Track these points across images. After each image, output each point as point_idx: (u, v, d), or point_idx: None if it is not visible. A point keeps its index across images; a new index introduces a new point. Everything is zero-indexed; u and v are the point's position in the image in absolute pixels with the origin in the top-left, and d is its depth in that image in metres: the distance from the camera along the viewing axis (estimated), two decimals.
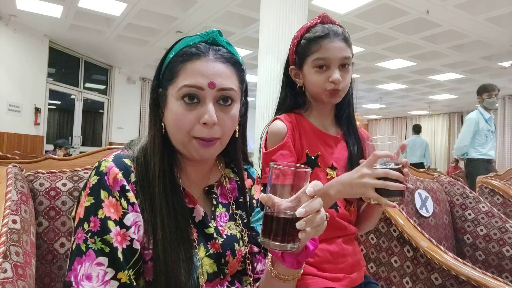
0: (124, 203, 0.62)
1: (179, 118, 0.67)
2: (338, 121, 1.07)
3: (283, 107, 1.06)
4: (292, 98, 1.04)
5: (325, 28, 0.96)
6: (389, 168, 0.78)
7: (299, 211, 0.56)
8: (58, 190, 0.85)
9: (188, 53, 0.69)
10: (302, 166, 0.60)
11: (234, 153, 0.80)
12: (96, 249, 0.59)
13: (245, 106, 0.78)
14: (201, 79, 0.67)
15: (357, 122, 1.08)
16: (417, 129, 7.22)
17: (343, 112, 1.05)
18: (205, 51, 0.69)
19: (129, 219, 0.62)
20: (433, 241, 1.19)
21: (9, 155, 3.55)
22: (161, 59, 0.73)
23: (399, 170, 0.78)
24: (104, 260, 0.59)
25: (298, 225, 0.57)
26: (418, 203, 1.57)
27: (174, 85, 0.68)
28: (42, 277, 0.78)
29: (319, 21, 0.99)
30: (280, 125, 0.97)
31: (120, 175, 0.64)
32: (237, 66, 0.72)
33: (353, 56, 0.99)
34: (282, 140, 0.95)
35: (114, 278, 0.59)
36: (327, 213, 0.61)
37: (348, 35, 0.99)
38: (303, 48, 0.98)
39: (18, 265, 0.62)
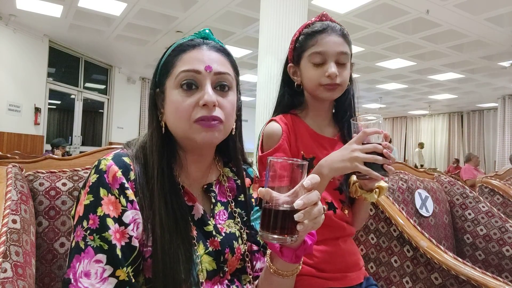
0: (123, 200, 0.63)
1: (178, 106, 0.68)
2: (336, 122, 1.05)
3: (280, 107, 1.05)
4: (289, 98, 1.03)
5: (324, 24, 0.96)
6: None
7: (297, 203, 0.58)
8: (58, 189, 0.85)
9: (183, 45, 0.72)
10: (299, 160, 0.61)
11: (232, 151, 0.81)
12: (94, 246, 0.59)
13: (240, 102, 0.79)
14: (197, 64, 0.69)
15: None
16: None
17: (343, 112, 1.03)
18: (199, 43, 0.72)
19: (128, 217, 0.62)
20: (433, 240, 1.19)
21: (9, 155, 3.56)
22: (158, 61, 0.74)
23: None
24: (102, 257, 0.59)
25: (296, 216, 0.58)
26: (418, 203, 1.57)
27: (172, 75, 0.70)
28: (42, 277, 0.78)
29: (318, 19, 0.99)
30: (276, 127, 0.96)
31: (119, 173, 0.64)
32: (231, 58, 0.75)
33: (352, 55, 0.98)
34: (277, 143, 0.94)
35: (112, 275, 0.59)
36: (324, 206, 0.62)
37: (347, 32, 0.98)
38: (301, 43, 0.98)
39: (18, 265, 0.62)
